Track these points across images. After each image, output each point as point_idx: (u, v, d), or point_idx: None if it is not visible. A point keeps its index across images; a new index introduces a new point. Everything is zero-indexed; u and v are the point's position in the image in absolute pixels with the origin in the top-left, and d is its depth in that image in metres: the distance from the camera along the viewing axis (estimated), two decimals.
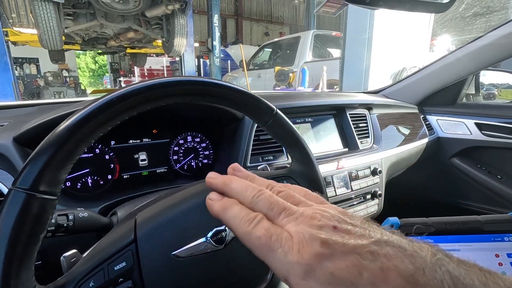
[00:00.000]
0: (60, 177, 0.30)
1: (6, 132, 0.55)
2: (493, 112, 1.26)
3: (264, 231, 0.21)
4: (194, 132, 0.82)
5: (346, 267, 0.18)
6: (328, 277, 0.18)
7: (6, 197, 0.28)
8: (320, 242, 0.19)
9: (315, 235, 0.20)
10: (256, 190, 0.24)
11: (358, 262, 0.18)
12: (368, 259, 0.18)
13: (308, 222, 0.21)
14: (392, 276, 0.17)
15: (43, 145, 0.30)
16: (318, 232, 0.20)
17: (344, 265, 0.18)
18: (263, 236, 0.21)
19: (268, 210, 0.23)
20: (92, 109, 0.32)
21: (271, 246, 0.21)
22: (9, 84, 5.26)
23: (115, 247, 0.35)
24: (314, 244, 0.19)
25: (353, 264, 0.18)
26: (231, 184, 0.26)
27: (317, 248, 0.19)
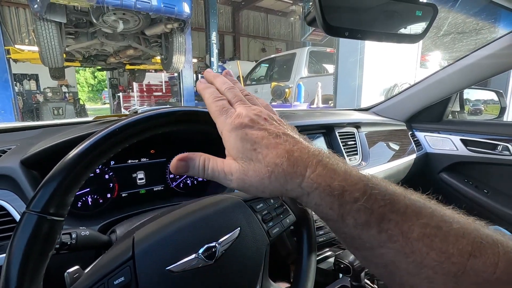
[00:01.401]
0: (67, 200, 0.34)
1: (13, 155, 0.59)
2: (477, 129, 1.32)
3: (221, 104, 0.33)
4: (191, 151, 0.86)
5: (256, 134, 0.30)
6: (243, 135, 0.30)
7: (20, 219, 0.32)
8: (250, 119, 0.31)
9: (249, 115, 0.31)
10: (230, 85, 0.36)
11: (265, 135, 0.29)
12: (272, 136, 0.29)
13: (251, 110, 0.32)
14: (280, 148, 0.28)
15: (53, 172, 0.34)
16: (253, 115, 0.31)
17: (256, 133, 0.30)
18: (219, 106, 0.33)
19: (231, 98, 0.34)
20: (98, 139, 0.36)
21: (221, 112, 0.32)
22: (8, 100, 5.32)
23: (114, 263, 0.38)
24: (246, 119, 0.31)
25: (261, 135, 0.29)
26: (218, 78, 0.38)
27: (246, 121, 0.30)
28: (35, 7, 3.51)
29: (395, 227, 0.25)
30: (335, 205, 0.26)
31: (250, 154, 0.29)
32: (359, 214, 0.26)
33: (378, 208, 0.26)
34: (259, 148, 0.29)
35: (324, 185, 0.27)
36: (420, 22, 0.70)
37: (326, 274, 0.92)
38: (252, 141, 0.29)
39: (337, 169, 0.27)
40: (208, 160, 0.32)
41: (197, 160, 0.32)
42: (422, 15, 0.68)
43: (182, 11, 4.04)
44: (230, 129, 0.30)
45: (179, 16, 4.05)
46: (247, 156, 0.29)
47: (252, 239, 0.46)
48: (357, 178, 0.27)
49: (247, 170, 0.29)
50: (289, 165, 0.27)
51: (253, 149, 0.29)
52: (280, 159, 0.28)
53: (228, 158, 0.31)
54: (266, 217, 0.49)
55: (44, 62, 4.12)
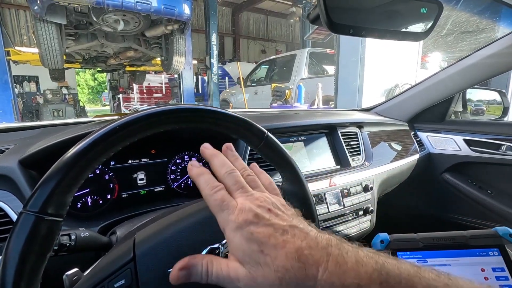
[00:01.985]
0: (66, 200, 0.33)
1: (12, 155, 0.57)
2: (480, 129, 1.31)
3: (220, 197, 0.30)
4: (191, 151, 0.85)
5: (263, 232, 0.28)
6: (249, 235, 0.28)
7: (17, 219, 0.31)
8: (254, 214, 0.29)
9: (252, 209, 0.29)
10: (230, 168, 0.34)
11: (272, 232, 0.27)
12: (279, 233, 0.28)
13: (253, 201, 0.30)
14: (289, 246, 0.27)
15: (51, 171, 0.33)
16: (256, 209, 0.29)
17: (262, 231, 0.28)
18: (218, 199, 0.30)
19: (232, 185, 0.32)
20: (97, 137, 0.35)
21: (221, 207, 0.30)
22: (8, 102, 5.32)
23: (115, 265, 0.37)
24: (249, 214, 0.29)
25: (268, 232, 0.28)
26: (215, 158, 0.36)
27: (250, 217, 0.28)
28: (35, 9, 3.51)
29: None
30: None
31: (258, 257, 0.27)
32: None
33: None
34: (266, 249, 0.27)
35: (338, 285, 0.25)
36: (425, 19, 0.69)
37: None
38: (259, 241, 0.27)
39: (348, 261, 0.26)
40: (212, 264, 0.29)
41: (199, 265, 0.29)
42: (427, 12, 0.68)
43: (182, 13, 4.04)
44: (235, 228, 0.28)
45: (179, 18, 4.05)
46: (254, 260, 0.27)
47: None
48: (370, 267, 0.26)
49: (256, 277, 0.27)
50: (300, 268, 0.26)
51: (260, 251, 0.27)
52: (290, 262, 0.26)
53: (233, 260, 0.29)
54: None
55: (44, 64, 4.12)
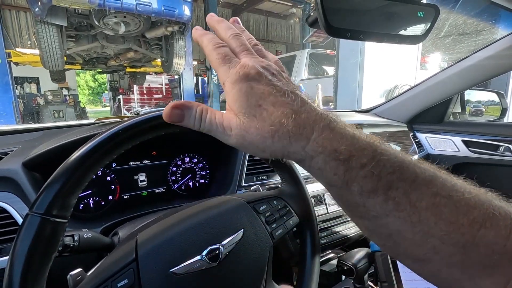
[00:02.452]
0: (70, 202, 0.34)
1: (15, 158, 0.58)
2: (479, 130, 1.32)
3: (223, 52, 0.29)
4: (192, 153, 0.86)
5: (263, 89, 0.27)
6: (248, 88, 0.27)
7: (23, 221, 0.32)
8: (257, 72, 0.28)
9: (256, 67, 0.28)
10: (236, 32, 0.32)
11: (272, 91, 0.27)
12: (280, 93, 0.27)
13: (259, 61, 0.29)
14: (287, 107, 0.26)
15: (56, 174, 0.34)
16: (260, 68, 0.28)
17: (262, 88, 0.27)
18: (221, 54, 0.29)
19: (236, 46, 0.30)
20: (100, 141, 0.36)
21: (224, 61, 0.29)
22: (9, 103, 5.33)
23: (118, 265, 0.38)
24: (252, 70, 0.27)
25: (268, 91, 0.27)
26: (222, 23, 0.33)
27: (252, 73, 0.27)
28: (36, 10, 3.52)
29: (403, 195, 0.24)
30: (340, 170, 0.25)
31: (254, 110, 0.26)
32: (366, 181, 0.24)
33: (386, 175, 0.24)
34: (264, 104, 0.26)
35: (330, 149, 0.25)
36: (422, 22, 0.70)
37: (328, 276, 0.92)
38: (258, 96, 0.27)
39: (344, 133, 0.26)
40: (206, 112, 0.29)
41: (194, 109, 0.29)
42: (424, 16, 0.69)
43: (183, 14, 4.05)
44: (234, 80, 0.27)
45: (179, 19, 4.07)
46: (250, 112, 0.27)
47: (255, 240, 0.46)
48: (365, 143, 0.26)
49: (249, 127, 0.26)
50: (295, 126, 0.26)
51: (258, 105, 0.26)
52: (286, 119, 0.26)
53: (229, 112, 0.28)
54: (269, 218, 0.49)
55: (45, 65, 4.13)
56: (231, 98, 0.28)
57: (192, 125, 0.29)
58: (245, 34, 0.34)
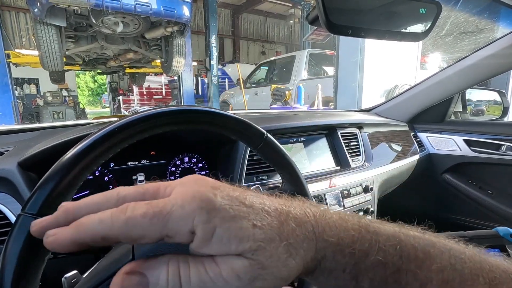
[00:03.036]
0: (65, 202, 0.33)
1: (11, 157, 0.57)
2: (480, 129, 1.31)
3: (145, 206, 0.19)
4: (191, 153, 0.85)
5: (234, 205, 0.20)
6: (230, 211, 0.20)
7: (16, 221, 0.31)
8: (211, 186, 0.21)
9: (204, 182, 0.21)
10: (116, 190, 0.22)
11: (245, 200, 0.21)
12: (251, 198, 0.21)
13: (193, 182, 0.21)
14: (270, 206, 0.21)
15: (50, 173, 0.32)
16: (205, 183, 0.21)
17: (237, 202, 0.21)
18: (147, 210, 0.19)
19: (143, 195, 0.21)
20: (96, 138, 0.35)
21: (163, 211, 0.19)
22: (9, 104, 5.33)
23: (114, 267, 0.37)
24: (207, 187, 0.21)
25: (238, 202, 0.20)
26: (77, 205, 0.22)
27: (210, 189, 0.20)
28: (35, 11, 3.52)
29: (413, 280, 0.22)
30: (349, 265, 0.22)
31: (252, 233, 0.20)
32: (374, 272, 0.22)
33: (392, 259, 0.22)
34: (256, 219, 0.20)
35: (335, 244, 0.22)
36: (423, 20, 0.69)
37: None
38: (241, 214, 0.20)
39: (332, 219, 0.23)
40: (186, 270, 0.19)
41: (163, 273, 0.19)
42: (426, 13, 0.68)
43: (182, 15, 4.05)
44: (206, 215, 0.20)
45: (179, 20, 4.06)
46: (251, 239, 0.20)
47: None
48: (356, 224, 0.23)
49: (262, 261, 0.19)
50: (297, 227, 0.21)
51: (253, 225, 0.20)
52: (286, 223, 0.21)
53: (221, 257, 0.20)
54: None
55: (44, 66, 4.13)
56: (216, 240, 0.19)
57: None
58: None
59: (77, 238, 0.19)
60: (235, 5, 13.36)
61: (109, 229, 0.19)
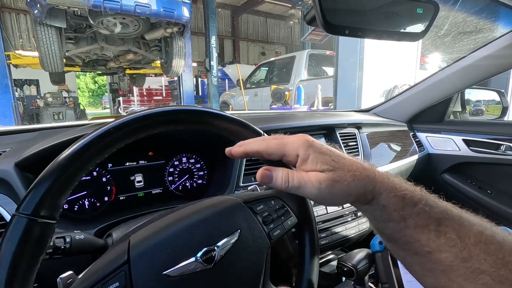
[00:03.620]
0: (60, 203, 0.33)
1: (8, 158, 0.57)
2: (480, 129, 1.31)
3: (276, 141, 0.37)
4: (189, 153, 0.85)
5: (327, 148, 0.35)
6: (319, 149, 0.34)
7: (10, 222, 0.31)
8: (312, 140, 0.36)
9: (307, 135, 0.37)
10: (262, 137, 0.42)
11: (333, 149, 0.36)
12: (338, 150, 0.36)
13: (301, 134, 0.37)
14: (346, 157, 0.35)
15: (44, 173, 0.32)
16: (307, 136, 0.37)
17: (326, 147, 0.35)
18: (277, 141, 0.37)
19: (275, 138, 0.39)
20: (90, 139, 0.35)
21: (284, 142, 0.36)
22: (9, 105, 5.33)
23: (109, 268, 0.37)
24: (309, 136, 0.36)
25: (331, 149, 0.35)
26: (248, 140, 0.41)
27: (310, 140, 0.36)
28: (35, 13, 3.52)
29: (452, 231, 0.27)
30: (399, 206, 0.30)
31: (332, 163, 0.33)
32: (419, 217, 0.29)
33: (435, 213, 0.29)
34: (336, 158, 0.33)
35: (390, 188, 0.31)
36: (421, 19, 0.69)
37: (328, 277, 0.90)
38: (328, 153, 0.34)
39: (392, 176, 0.32)
40: (292, 173, 0.34)
41: (280, 171, 0.34)
42: (423, 12, 0.68)
43: (182, 15, 4.05)
44: (306, 147, 0.35)
45: (178, 20, 4.06)
46: (330, 166, 0.32)
47: (252, 241, 0.44)
48: (411, 185, 0.32)
49: (336, 177, 0.32)
50: (363, 169, 0.32)
51: (332, 160, 0.33)
52: (355, 166, 0.33)
53: (311, 172, 0.34)
54: (266, 219, 0.47)
55: (44, 67, 4.13)
56: (310, 161, 0.34)
57: (280, 185, 0.34)
58: None
59: (247, 150, 0.38)
60: (235, 6, 13.38)
61: (259, 147, 0.37)
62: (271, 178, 0.34)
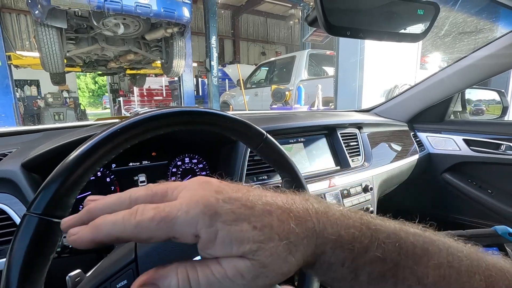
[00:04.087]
0: (69, 202, 0.34)
1: (14, 159, 0.58)
2: (480, 129, 1.31)
3: (153, 211, 0.21)
4: (192, 153, 0.86)
5: (236, 206, 0.22)
6: (231, 215, 0.21)
7: (21, 221, 0.31)
8: (215, 190, 0.22)
9: (208, 186, 0.23)
10: (128, 193, 0.24)
11: (245, 203, 0.22)
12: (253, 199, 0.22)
13: (198, 186, 0.23)
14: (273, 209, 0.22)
15: (54, 174, 0.33)
16: (209, 187, 0.23)
17: (234, 206, 0.22)
18: (155, 214, 0.21)
19: (152, 198, 0.23)
20: (99, 139, 0.36)
21: (169, 216, 0.21)
22: (10, 106, 5.34)
23: (117, 266, 0.37)
24: (211, 191, 0.22)
25: (240, 204, 0.22)
26: (97, 206, 0.24)
27: (213, 194, 0.22)
28: (36, 13, 3.53)
29: (410, 275, 0.23)
30: (348, 259, 0.23)
31: (253, 236, 0.21)
32: (372, 267, 0.23)
33: (390, 255, 0.23)
34: (257, 222, 0.21)
35: (334, 241, 0.23)
36: (422, 20, 0.70)
37: None
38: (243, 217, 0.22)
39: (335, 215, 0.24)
40: (193, 271, 0.21)
41: (173, 276, 0.21)
42: (424, 13, 0.68)
43: (182, 16, 4.06)
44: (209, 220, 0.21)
45: (179, 21, 4.07)
46: (252, 241, 0.21)
47: None
48: (358, 221, 0.24)
49: (263, 260, 0.21)
50: (298, 224, 0.22)
51: (253, 227, 0.21)
52: (287, 224, 0.22)
53: (224, 259, 0.21)
54: None
55: (45, 68, 4.13)
56: (220, 243, 0.21)
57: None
58: None
59: (95, 238, 0.22)
60: (235, 6, 13.38)
61: (122, 231, 0.21)
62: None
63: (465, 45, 4.11)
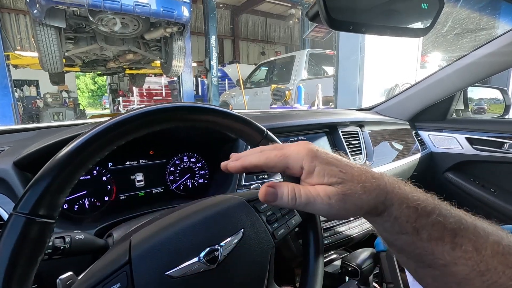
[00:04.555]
0: (59, 201, 0.32)
1: (6, 157, 0.56)
2: (482, 127, 1.29)
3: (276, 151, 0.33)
4: (190, 152, 0.84)
5: (333, 156, 0.32)
6: (324, 159, 0.31)
7: (7, 221, 0.30)
8: (315, 145, 0.33)
9: (310, 144, 0.33)
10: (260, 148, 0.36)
11: (339, 158, 0.32)
12: (345, 159, 0.33)
13: (303, 143, 0.34)
14: (355, 166, 0.32)
15: (42, 171, 0.31)
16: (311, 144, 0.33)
17: (332, 156, 0.32)
18: (277, 152, 0.33)
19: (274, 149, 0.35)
20: (90, 136, 0.34)
21: (286, 153, 0.33)
22: (8, 106, 5.32)
23: (110, 268, 0.36)
24: (313, 145, 0.33)
25: (337, 158, 0.32)
26: (244, 153, 0.36)
27: (314, 146, 0.33)
28: (35, 13, 3.51)
29: (468, 242, 0.26)
30: (412, 218, 0.28)
31: (339, 175, 0.30)
32: (433, 228, 0.27)
33: (450, 223, 0.27)
34: (344, 168, 0.31)
35: (402, 198, 0.29)
36: (425, 15, 0.68)
37: (332, 277, 0.89)
38: (335, 163, 0.31)
39: (405, 185, 0.30)
40: (298, 188, 0.31)
41: (285, 188, 0.31)
42: (428, 8, 0.66)
43: (181, 15, 4.04)
44: (310, 158, 0.32)
45: (178, 20, 4.05)
46: (338, 178, 0.30)
47: (256, 241, 0.43)
48: (423, 194, 0.30)
49: (344, 191, 0.29)
50: (374, 178, 0.30)
51: (340, 171, 0.30)
52: (365, 175, 0.30)
53: (319, 186, 0.31)
54: (270, 218, 0.46)
55: (44, 67, 4.12)
56: (316, 173, 0.31)
57: (287, 203, 0.31)
58: None
59: (243, 164, 0.34)
60: (235, 5, 13.37)
61: (258, 161, 0.33)
62: (276, 196, 0.31)
63: (467, 42, 4.10)
